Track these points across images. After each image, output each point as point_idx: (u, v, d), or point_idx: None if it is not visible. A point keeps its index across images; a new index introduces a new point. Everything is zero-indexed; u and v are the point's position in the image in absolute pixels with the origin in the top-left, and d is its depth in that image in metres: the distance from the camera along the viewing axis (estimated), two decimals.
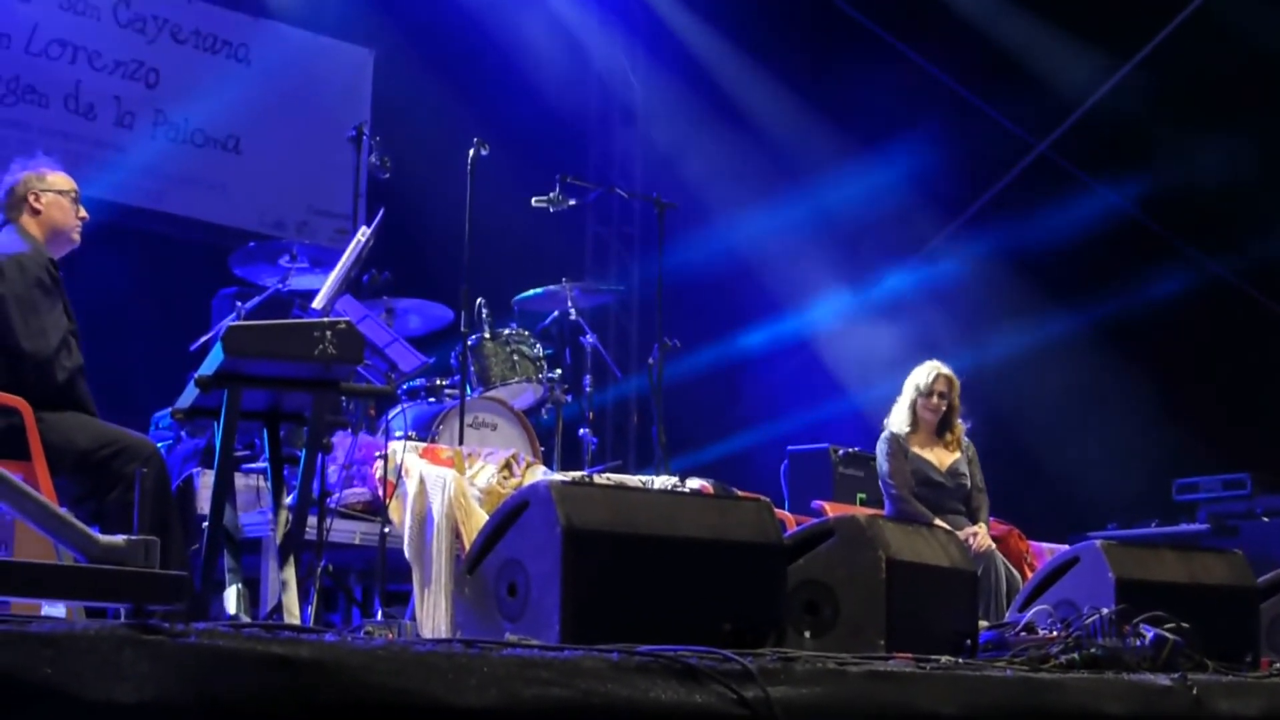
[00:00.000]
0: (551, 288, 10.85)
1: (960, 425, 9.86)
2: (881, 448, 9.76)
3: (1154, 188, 14.25)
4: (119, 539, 4.08)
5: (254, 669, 3.17)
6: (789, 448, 11.48)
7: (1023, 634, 5.75)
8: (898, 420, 9.79)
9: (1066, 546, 7.49)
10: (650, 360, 10.31)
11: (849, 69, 14.62)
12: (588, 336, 10.99)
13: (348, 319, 6.15)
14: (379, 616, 7.52)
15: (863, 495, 10.75)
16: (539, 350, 10.31)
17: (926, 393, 9.73)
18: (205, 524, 6.23)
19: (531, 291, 10.86)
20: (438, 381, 9.87)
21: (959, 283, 14.69)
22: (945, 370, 9.80)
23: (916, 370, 9.85)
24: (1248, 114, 13.64)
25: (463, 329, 9.39)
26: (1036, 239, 14.41)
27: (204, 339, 9.14)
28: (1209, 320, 14.06)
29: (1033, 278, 14.41)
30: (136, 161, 12.48)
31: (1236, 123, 13.65)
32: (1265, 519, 12.11)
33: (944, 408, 9.76)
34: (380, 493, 7.69)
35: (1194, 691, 4.98)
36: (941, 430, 9.80)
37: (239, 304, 9.44)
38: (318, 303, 7.57)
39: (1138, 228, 14.37)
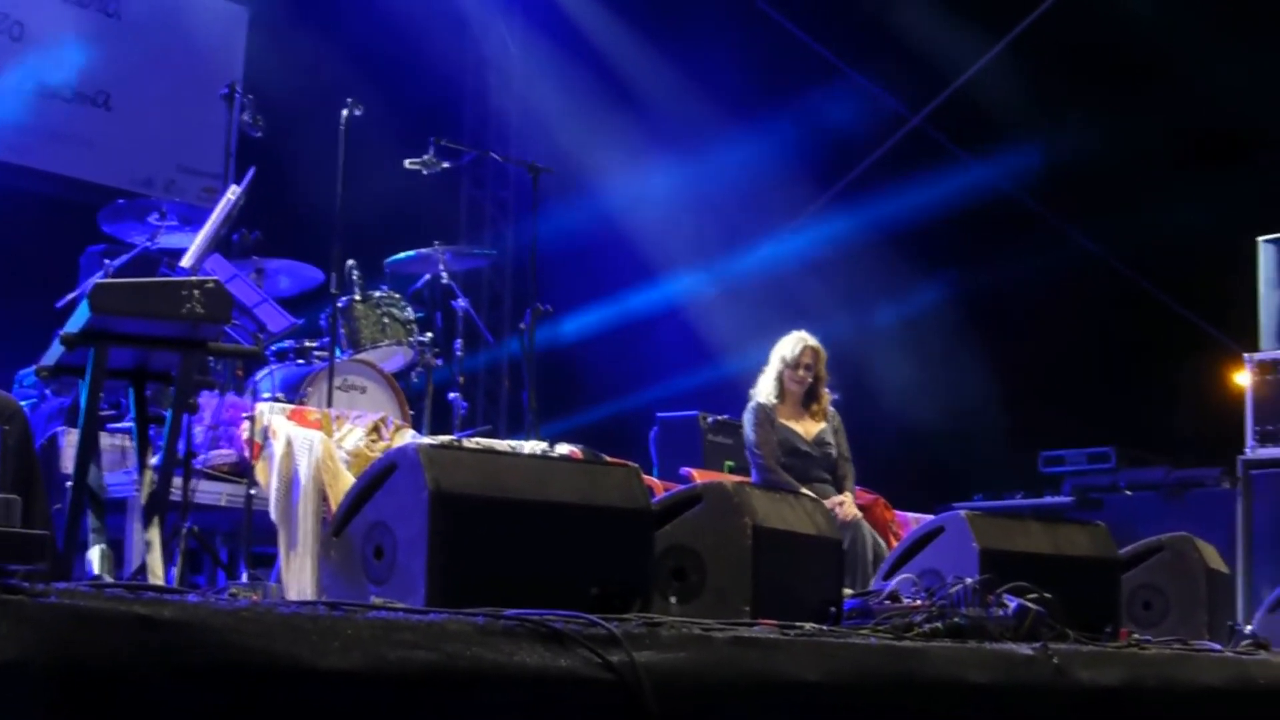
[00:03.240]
0: (424, 251, 10.81)
1: (826, 395, 9.86)
2: (748, 418, 9.77)
3: (1026, 163, 14.36)
4: None
5: (116, 630, 3.14)
6: (659, 414, 11.52)
7: (887, 602, 5.79)
8: (764, 390, 9.79)
9: (932, 516, 7.54)
10: (522, 325, 10.31)
11: (725, 37, 14.65)
12: (460, 300, 10.95)
13: (216, 278, 6.10)
14: (244, 578, 7.47)
15: (730, 463, 10.79)
16: (410, 313, 10.26)
17: (793, 364, 9.73)
18: (69, 483, 6.16)
19: (403, 254, 10.81)
20: (306, 343, 9.80)
21: (831, 253, 14.72)
22: (812, 342, 9.80)
23: (783, 341, 9.83)
24: (1120, 92, 13.77)
25: (333, 290, 9.36)
26: (909, 211, 14.48)
27: (70, 296, 9.04)
28: (1078, 294, 14.21)
29: (905, 249, 14.49)
30: (2, 115, 12.26)
31: (1109, 100, 13.79)
32: (1129, 492, 12.27)
33: (810, 379, 9.77)
34: (247, 454, 7.64)
35: (1055, 661, 5.04)
36: (808, 401, 9.81)
37: (107, 261, 9.34)
38: (186, 261, 7.52)
39: (1009, 202, 14.49)
